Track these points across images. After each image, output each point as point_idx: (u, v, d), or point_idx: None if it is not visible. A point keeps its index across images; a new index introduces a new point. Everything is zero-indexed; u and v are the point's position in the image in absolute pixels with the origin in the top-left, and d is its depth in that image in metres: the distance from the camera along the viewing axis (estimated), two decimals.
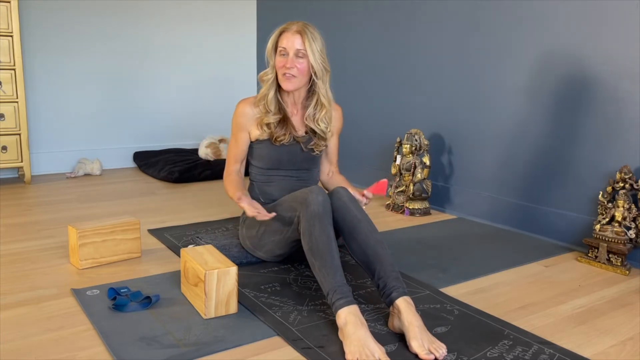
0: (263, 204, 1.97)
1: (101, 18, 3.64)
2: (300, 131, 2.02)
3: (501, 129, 2.65)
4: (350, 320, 1.42)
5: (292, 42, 1.88)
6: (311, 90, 1.99)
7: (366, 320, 1.57)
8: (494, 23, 2.63)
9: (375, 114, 3.33)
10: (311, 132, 2.02)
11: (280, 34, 1.92)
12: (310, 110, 1.99)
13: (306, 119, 2.00)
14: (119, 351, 1.39)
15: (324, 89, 1.96)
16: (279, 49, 1.90)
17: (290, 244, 1.87)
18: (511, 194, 2.63)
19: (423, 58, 3.00)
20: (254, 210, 1.78)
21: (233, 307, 1.62)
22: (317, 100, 1.98)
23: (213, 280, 1.57)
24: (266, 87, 1.97)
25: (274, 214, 1.81)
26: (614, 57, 2.20)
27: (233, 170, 2.04)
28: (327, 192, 2.13)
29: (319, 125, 2.00)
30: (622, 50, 2.17)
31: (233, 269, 1.59)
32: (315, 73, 1.93)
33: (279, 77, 1.92)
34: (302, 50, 1.88)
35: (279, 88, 1.98)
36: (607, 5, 2.20)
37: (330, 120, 2.03)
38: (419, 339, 1.41)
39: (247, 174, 2.10)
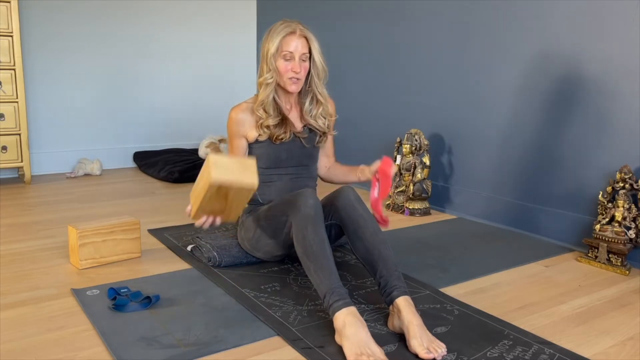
0: (262, 205, 1.98)
1: (101, 18, 3.64)
2: (298, 126, 2.01)
3: (501, 129, 2.65)
4: (349, 321, 1.41)
5: (298, 46, 1.86)
6: (304, 87, 1.99)
7: (366, 320, 1.57)
8: (493, 23, 2.63)
9: (375, 114, 3.33)
10: (309, 127, 2.03)
11: (284, 37, 1.86)
12: (307, 107, 1.99)
13: (304, 117, 2.00)
14: (119, 351, 1.39)
15: (320, 86, 1.97)
16: (283, 52, 1.86)
17: (285, 246, 1.86)
18: (511, 194, 2.63)
19: (423, 58, 3.00)
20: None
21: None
22: (312, 97, 1.99)
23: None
24: (266, 92, 1.92)
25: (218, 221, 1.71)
26: (613, 56, 2.20)
27: None
28: (332, 183, 2.13)
29: (317, 121, 2.00)
30: (622, 49, 2.17)
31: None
32: (318, 73, 1.94)
33: (284, 81, 1.89)
34: (306, 54, 1.89)
35: (275, 90, 1.96)
36: (605, 5, 2.20)
37: (327, 114, 2.03)
38: (419, 337, 1.41)
39: None
